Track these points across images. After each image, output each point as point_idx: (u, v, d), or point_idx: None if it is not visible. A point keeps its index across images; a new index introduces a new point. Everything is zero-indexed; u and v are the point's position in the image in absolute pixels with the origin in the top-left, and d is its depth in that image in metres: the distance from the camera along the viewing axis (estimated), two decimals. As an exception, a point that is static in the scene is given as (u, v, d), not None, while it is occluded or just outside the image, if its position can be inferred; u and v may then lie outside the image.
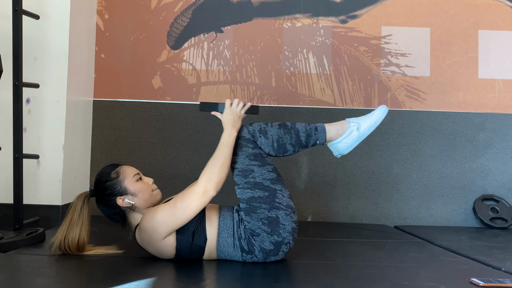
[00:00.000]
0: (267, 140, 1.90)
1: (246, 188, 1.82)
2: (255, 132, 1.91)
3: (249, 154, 1.86)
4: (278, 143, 1.91)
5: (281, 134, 1.92)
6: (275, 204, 1.79)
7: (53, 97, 2.63)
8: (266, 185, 1.82)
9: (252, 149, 1.87)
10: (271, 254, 1.80)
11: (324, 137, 1.96)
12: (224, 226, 1.80)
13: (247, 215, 1.80)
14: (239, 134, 1.90)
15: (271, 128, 1.92)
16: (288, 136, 1.92)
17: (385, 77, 3.21)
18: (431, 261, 2.00)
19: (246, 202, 1.81)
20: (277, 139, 1.91)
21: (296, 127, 1.95)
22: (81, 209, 1.81)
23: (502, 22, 3.24)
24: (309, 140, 1.94)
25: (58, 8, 2.64)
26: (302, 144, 1.94)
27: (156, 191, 1.88)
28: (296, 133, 1.93)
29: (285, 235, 1.79)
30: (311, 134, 1.95)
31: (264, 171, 1.84)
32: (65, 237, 1.79)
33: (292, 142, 1.92)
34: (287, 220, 1.80)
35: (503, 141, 3.18)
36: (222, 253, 1.81)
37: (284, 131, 1.93)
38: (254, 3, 3.21)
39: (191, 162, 3.12)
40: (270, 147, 1.91)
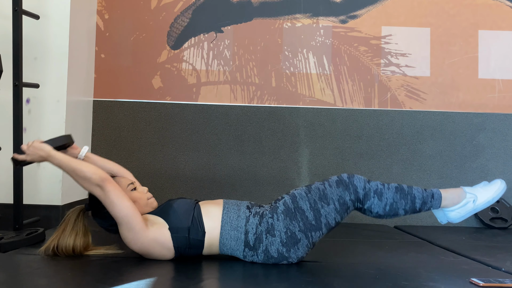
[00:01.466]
0: (380, 202, 1.86)
1: (309, 202, 1.82)
2: (370, 191, 1.86)
3: (341, 197, 1.83)
4: (391, 207, 1.87)
5: (396, 199, 1.87)
6: (308, 234, 1.80)
7: (53, 97, 2.63)
8: (321, 220, 1.81)
9: (349, 199, 1.84)
10: (271, 260, 1.81)
11: (439, 205, 1.93)
12: (228, 219, 1.81)
13: (282, 213, 1.80)
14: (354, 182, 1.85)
15: (387, 191, 1.87)
16: (404, 202, 1.88)
17: (385, 77, 3.21)
18: (431, 261, 2.00)
19: (294, 205, 1.81)
20: (391, 203, 1.87)
21: (413, 193, 1.90)
22: (75, 221, 1.82)
23: (502, 22, 3.24)
24: (423, 207, 1.91)
25: (58, 8, 2.64)
26: (416, 210, 1.90)
27: (151, 199, 1.88)
28: (412, 200, 1.89)
29: (293, 256, 1.81)
30: (426, 202, 1.91)
31: (332, 215, 1.83)
32: (57, 244, 1.80)
33: (406, 208, 1.88)
34: (303, 249, 1.81)
35: (503, 141, 3.18)
36: (224, 246, 1.81)
37: (401, 196, 1.88)
38: (254, 3, 3.21)
39: (191, 162, 3.12)
40: (382, 209, 1.86)
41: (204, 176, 3.11)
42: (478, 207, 1.94)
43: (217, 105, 3.15)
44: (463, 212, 1.94)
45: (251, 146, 3.14)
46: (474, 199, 1.94)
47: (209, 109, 3.15)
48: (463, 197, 1.95)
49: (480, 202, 1.94)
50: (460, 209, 1.94)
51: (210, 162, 3.12)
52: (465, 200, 1.94)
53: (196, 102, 3.16)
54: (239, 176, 3.12)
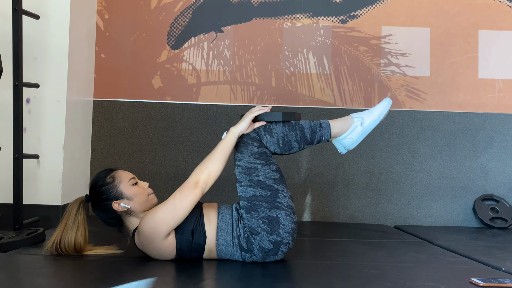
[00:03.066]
0: (272, 138, 1.90)
1: (249, 186, 1.83)
2: (260, 131, 1.91)
3: (254, 153, 1.86)
4: (283, 141, 1.91)
5: (285, 132, 1.92)
6: (276, 203, 1.80)
7: (53, 97, 2.63)
8: (269, 184, 1.82)
9: (258, 147, 1.88)
10: (270, 253, 1.80)
11: (329, 133, 1.97)
12: (223, 224, 1.80)
13: (247, 213, 1.80)
14: (245, 133, 1.90)
15: (275, 126, 1.92)
16: (293, 133, 1.92)
17: (385, 77, 3.21)
18: (431, 261, 2.00)
19: (247, 200, 1.81)
20: (282, 136, 1.91)
21: (300, 123, 1.95)
22: (76, 214, 1.81)
23: (502, 22, 3.24)
24: (314, 137, 1.95)
25: (58, 8, 2.64)
26: (308, 140, 1.95)
27: (152, 195, 1.88)
28: (301, 130, 1.93)
29: (285, 235, 1.79)
30: (316, 130, 1.95)
31: (268, 170, 1.84)
32: (60, 240, 1.80)
33: (297, 138, 1.93)
34: (287, 220, 1.80)
35: (503, 141, 3.18)
36: (222, 252, 1.81)
37: (289, 128, 1.93)
38: (254, 3, 3.21)
39: (191, 162, 3.12)
40: (276, 145, 1.91)
41: (204, 176, 3.11)
42: (367, 128, 2.00)
43: (217, 105, 3.16)
44: (355, 137, 1.99)
45: (251, 146, 3.14)
46: (362, 122, 1.99)
47: (209, 109, 3.15)
48: (351, 122, 2.00)
49: (368, 122, 1.99)
50: (351, 135, 1.99)
51: (210, 162, 3.12)
52: (353, 125, 1.99)
53: (196, 102, 3.16)
54: (239, 176, 3.11)
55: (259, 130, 1.91)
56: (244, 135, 1.90)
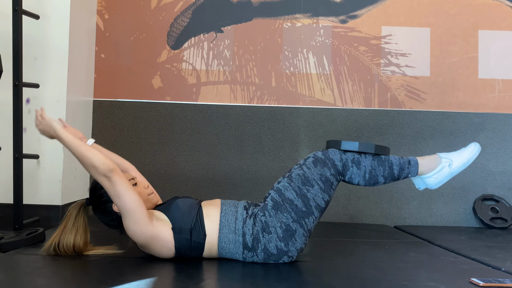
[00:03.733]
0: (359, 170, 1.88)
1: (294, 190, 1.82)
2: (347, 162, 1.88)
3: (323, 175, 1.84)
4: (370, 174, 1.89)
5: (374, 166, 1.90)
6: (302, 221, 1.80)
7: (53, 97, 2.63)
8: (310, 204, 1.81)
9: (331, 174, 1.85)
10: (272, 258, 1.80)
11: (416, 171, 1.96)
12: (226, 222, 1.80)
13: (273, 209, 1.80)
14: (331, 156, 1.87)
15: (364, 159, 1.89)
16: (382, 168, 1.91)
17: (385, 77, 3.21)
18: (431, 261, 2.00)
19: (281, 198, 1.81)
20: (369, 170, 1.89)
21: (390, 159, 1.93)
22: (76, 217, 1.82)
23: (502, 22, 3.24)
24: (401, 173, 1.94)
25: (58, 8, 2.64)
26: (394, 177, 1.93)
27: (152, 195, 1.88)
28: (390, 166, 1.92)
29: (292, 249, 1.80)
30: (404, 168, 1.94)
31: (320, 196, 1.83)
32: (58, 242, 1.81)
33: (385, 174, 1.91)
34: (301, 239, 1.81)
35: (503, 141, 3.18)
36: (223, 249, 1.80)
37: (378, 162, 1.91)
38: (254, 3, 3.21)
39: (191, 162, 3.12)
40: (361, 178, 1.89)
41: (204, 176, 3.11)
42: (454, 171, 1.98)
43: (217, 105, 3.16)
44: (440, 177, 1.98)
45: (251, 146, 3.14)
46: (450, 163, 1.98)
47: (209, 109, 3.15)
48: (439, 162, 1.98)
49: (456, 166, 1.98)
50: (437, 174, 1.98)
51: (210, 162, 3.12)
52: (441, 165, 1.97)
53: (196, 102, 3.16)
54: (239, 176, 3.12)
55: (346, 161, 1.87)
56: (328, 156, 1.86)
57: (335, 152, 1.88)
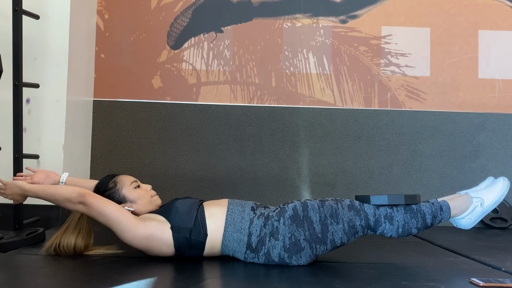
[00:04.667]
0: (392, 226, 1.86)
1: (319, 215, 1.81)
2: (380, 217, 1.85)
3: (352, 220, 1.82)
4: (403, 228, 1.87)
5: (407, 219, 1.87)
6: (313, 245, 1.79)
7: (53, 97, 2.63)
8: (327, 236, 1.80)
9: (359, 224, 1.83)
10: (272, 263, 1.80)
11: (449, 216, 1.94)
12: (232, 221, 1.80)
13: (290, 218, 1.79)
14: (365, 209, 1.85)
15: (397, 214, 1.87)
16: (415, 221, 1.88)
17: (385, 77, 3.21)
18: (431, 261, 2.00)
19: (304, 214, 1.80)
20: (403, 224, 1.86)
21: (422, 209, 1.89)
22: (79, 219, 1.83)
23: (502, 22, 3.24)
24: (434, 221, 1.91)
25: (58, 8, 2.64)
26: (428, 226, 1.91)
27: (155, 197, 1.89)
28: (423, 217, 1.89)
29: (294, 263, 1.80)
30: (436, 215, 1.91)
31: (339, 234, 1.82)
32: (59, 243, 1.81)
33: (418, 226, 1.88)
34: (306, 259, 1.80)
35: (503, 141, 3.18)
36: (227, 247, 1.80)
37: (411, 215, 1.87)
38: (254, 3, 3.21)
39: (191, 162, 3.12)
40: (394, 232, 1.87)
41: (204, 176, 3.11)
42: (486, 209, 1.95)
43: (217, 105, 3.16)
44: (473, 218, 1.95)
45: (251, 146, 3.14)
46: (482, 203, 1.95)
47: (209, 109, 3.15)
48: (470, 203, 1.95)
49: (488, 204, 1.95)
50: (470, 215, 1.95)
51: (210, 162, 3.12)
52: (472, 205, 1.95)
53: (196, 102, 3.16)
54: (239, 176, 3.12)
55: (379, 216, 1.85)
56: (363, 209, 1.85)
57: (370, 207, 1.87)
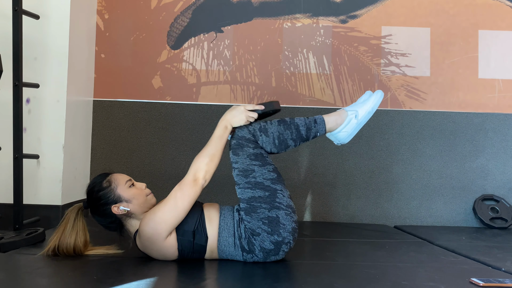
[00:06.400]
0: (268, 138, 1.90)
1: (247, 188, 1.82)
2: (256, 131, 1.90)
3: (250, 154, 1.86)
4: (279, 140, 1.91)
5: (281, 130, 1.92)
6: (275, 204, 1.79)
7: (53, 97, 2.63)
8: (267, 185, 1.82)
9: (253, 149, 1.87)
10: (271, 253, 1.80)
11: (324, 128, 1.98)
12: (225, 225, 1.81)
13: (247, 215, 1.80)
14: (240, 134, 1.89)
15: (270, 126, 1.92)
16: (289, 132, 1.93)
17: (385, 77, 3.21)
18: (431, 261, 2.00)
19: (246, 202, 1.81)
20: (277, 135, 1.91)
21: (295, 121, 1.96)
22: (75, 220, 1.82)
23: (502, 22, 3.24)
24: (309, 133, 1.96)
25: (58, 8, 2.64)
26: (303, 137, 1.95)
27: (150, 196, 1.88)
28: (296, 128, 1.94)
29: (285, 234, 1.79)
30: (310, 127, 1.96)
31: (264, 171, 1.84)
32: (58, 245, 1.80)
33: (293, 137, 1.93)
34: (287, 220, 1.80)
35: (503, 141, 3.18)
36: (223, 252, 1.81)
37: (284, 127, 1.93)
38: (254, 3, 3.21)
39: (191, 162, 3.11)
40: (272, 145, 1.91)
41: (204, 176, 3.11)
42: (361, 120, 2.01)
43: (217, 105, 3.16)
44: (350, 130, 2.01)
45: (251, 146, 3.14)
46: (356, 114, 2.00)
47: (209, 109, 3.15)
48: (345, 116, 2.00)
49: (362, 115, 2.01)
50: (346, 128, 2.00)
51: (210, 162, 3.12)
52: (348, 118, 2.00)
53: (196, 102, 3.16)
54: (239, 176, 3.11)
55: (254, 131, 1.90)
56: (238, 137, 1.89)
57: (240, 129, 1.90)
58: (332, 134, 2.03)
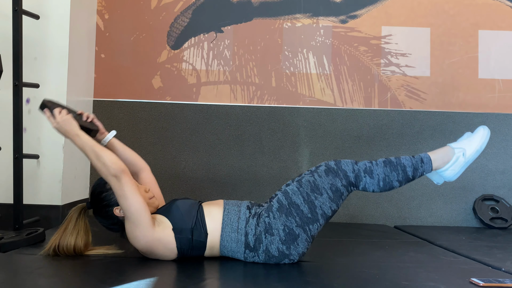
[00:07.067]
0: (373, 179, 1.86)
1: (302, 196, 1.81)
2: (360, 172, 1.86)
3: (333, 184, 1.83)
4: (384, 182, 1.87)
5: (387, 172, 1.88)
6: (306, 227, 1.80)
7: (53, 97, 2.59)
8: (317, 212, 1.81)
9: (342, 185, 1.84)
10: (272, 260, 1.81)
11: (430, 168, 1.93)
12: (228, 221, 1.81)
13: (277, 211, 1.80)
14: (343, 167, 1.85)
15: (376, 167, 1.87)
16: (395, 173, 1.88)
17: (385, 77, 3.21)
18: (431, 261, 2.00)
19: (288, 202, 1.81)
20: (383, 177, 1.87)
21: (402, 162, 1.90)
22: (77, 220, 1.82)
23: (502, 22, 3.24)
24: (416, 173, 1.91)
25: (58, 8, 2.64)
26: (409, 178, 1.91)
27: (153, 199, 1.88)
28: (403, 169, 1.89)
29: (294, 252, 1.80)
30: (417, 167, 1.91)
31: (327, 204, 1.82)
32: (58, 244, 1.80)
33: (399, 178, 1.89)
34: (303, 244, 1.81)
35: (503, 141, 3.18)
36: (225, 248, 1.81)
37: (390, 168, 1.88)
38: (254, 3, 3.21)
39: (191, 162, 3.12)
40: (376, 186, 1.87)
41: (204, 176, 3.11)
42: (469, 159, 1.96)
43: (217, 105, 3.16)
44: (457, 168, 1.96)
45: (251, 146, 3.14)
46: (463, 152, 1.96)
47: (209, 109, 3.15)
48: (452, 154, 1.96)
49: (470, 154, 1.96)
50: (453, 166, 1.96)
51: (210, 162, 3.12)
52: (455, 156, 1.95)
53: (196, 102, 3.16)
54: (239, 176, 3.12)
55: (358, 171, 1.85)
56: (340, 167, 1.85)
57: (348, 163, 1.87)
58: (437, 172, 1.98)
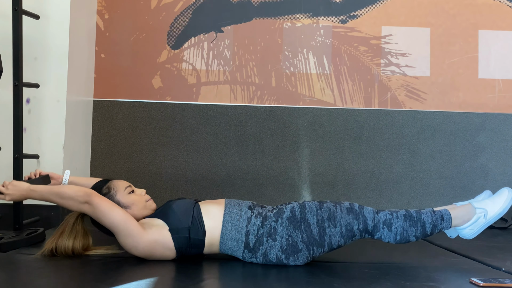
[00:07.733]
0: (390, 232, 1.85)
1: (317, 218, 1.81)
2: (379, 222, 1.84)
3: (350, 224, 1.82)
4: (401, 236, 1.85)
5: (406, 227, 1.85)
6: (310, 247, 1.80)
7: (53, 97, 2.63)
8: (324, 239, 1.80)
9: (357, 228, 1.82)
10: (269, 263, 1.81)
11: (450, 225, 1.91)
12: (229, 219, 1.81)
13: (287, 220, 1.79)
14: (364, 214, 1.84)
15: (396, 221, 1.85)
16: (414, 229, 1.86)
17: (385, 77, 3.21)
18: (431, 261, 2.00)
19: (301, 215, 1.80)
20: (401, 232, 1.85)
21: (422, 218, 1.87)
22: (74, 224, 1.82)
23: (502, 22, 3.24)
24: (434, 230, 1.89)
25: (58, 8, 2.64)
26: (427, 234, 1.89)
27: (149, 202, 1.88)
28: (422, 225, 1.87)
29: (291, 264, 1.80)
30: (437, 224, 1.89)
31: (337, 237, 1.81)
32: (56, 247, 1.80)
33: (417, 234, 1.87)
34: (303, 260, 1.81)
35: (503, 141, 3.18)
36: (225, 245, 1.81)
37: (410, 223, 1.86)
38: (254, 3, 3.21)
39: (191, 162, 3.12)
40: (392, 239, 1.86)
41: (204, 176, 3.11)
42: (489, 220, 1.92)
43: (217, 105, 3.16)
44: (476, 229, 1.92)
45: (251, 146, 3.14)
46: (485, 214, 1.92)
47: (209, 109, 3.15)
48: (473, 213, 1.92)
49: (491, 216, 1.93)
50: (472, 226, 1.92)
51: (210, 162, 3.12)
52: (475, 216, 1.92)
53: (196, 102, 3.16)
54: (239, 176, 3.12)
55: (378, 221, 1.84)
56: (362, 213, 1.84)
57: (370, 211, 1.85)
58: (455, 229, 1.95)
